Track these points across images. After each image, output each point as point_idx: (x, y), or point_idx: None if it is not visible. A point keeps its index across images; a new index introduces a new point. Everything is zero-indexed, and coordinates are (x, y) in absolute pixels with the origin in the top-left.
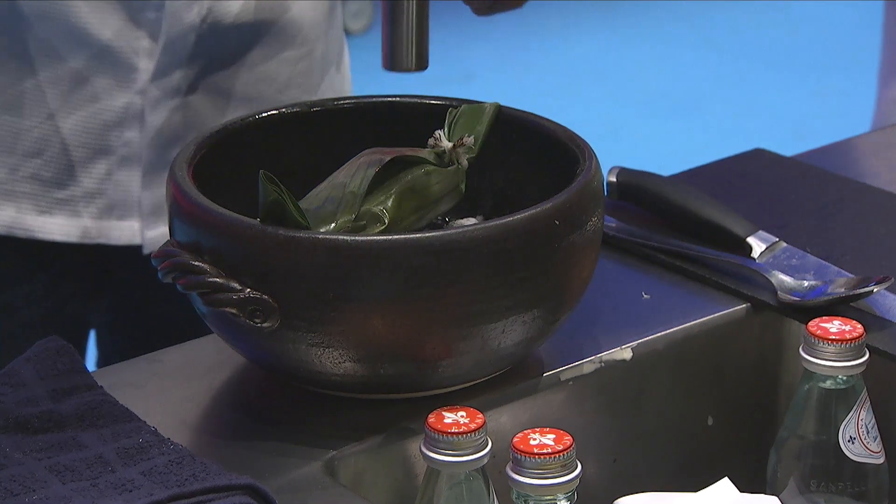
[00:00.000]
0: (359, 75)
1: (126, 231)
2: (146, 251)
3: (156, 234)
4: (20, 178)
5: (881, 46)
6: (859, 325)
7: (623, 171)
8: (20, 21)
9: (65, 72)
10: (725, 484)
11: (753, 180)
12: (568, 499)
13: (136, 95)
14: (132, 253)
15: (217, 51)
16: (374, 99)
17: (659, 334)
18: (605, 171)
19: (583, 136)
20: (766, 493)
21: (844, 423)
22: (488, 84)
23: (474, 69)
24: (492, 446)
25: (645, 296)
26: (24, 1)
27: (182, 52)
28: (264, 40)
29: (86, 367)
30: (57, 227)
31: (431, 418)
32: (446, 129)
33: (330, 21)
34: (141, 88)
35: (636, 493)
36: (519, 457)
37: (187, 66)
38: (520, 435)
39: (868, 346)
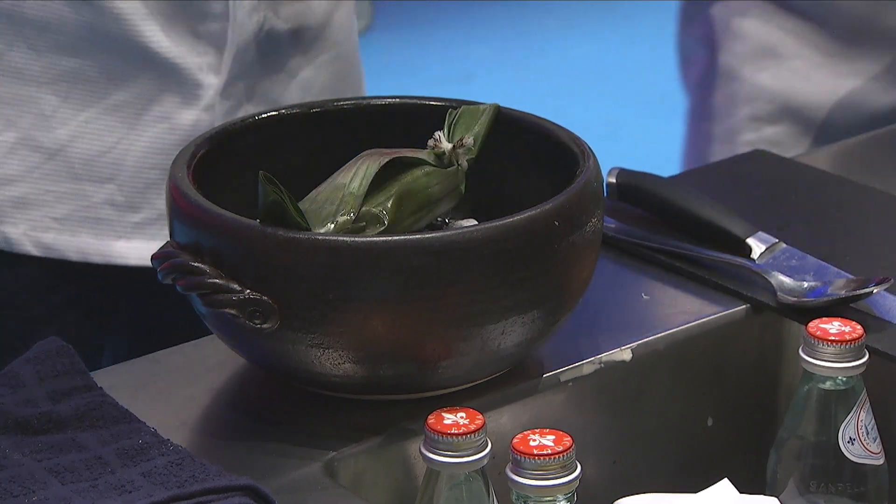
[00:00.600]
0: None
1: None
2: None
3: None
4: (95, 204)
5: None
6: (859, 326)
7: (623, 172)
8: (88, 45)
9: (133, 94)
10: (725, 485)
11: (753, 181)
12: (568, 500)
13: (203, 112)
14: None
15: (270, 59)
16: (373, 100)
17: (659, 335)
18: (604, 172)
19: (582, 137)
20: (765, 494)
21: (844, 423)
22: (488, 84)
23: (474, 69)
24: (491, 447)
25: (644, 296)
26: (89, 21)
27: (246, 62)
28: (304, 45)
29: (85, 368)
30: (134, 251)
31: (431, 419)
32: (446, 130)
33: (352, 21)
34: (208, 104)
35: (636, 493)
36: (519, 458)
37: (247, 78)
38: (519, 436)
39: (868, 348)
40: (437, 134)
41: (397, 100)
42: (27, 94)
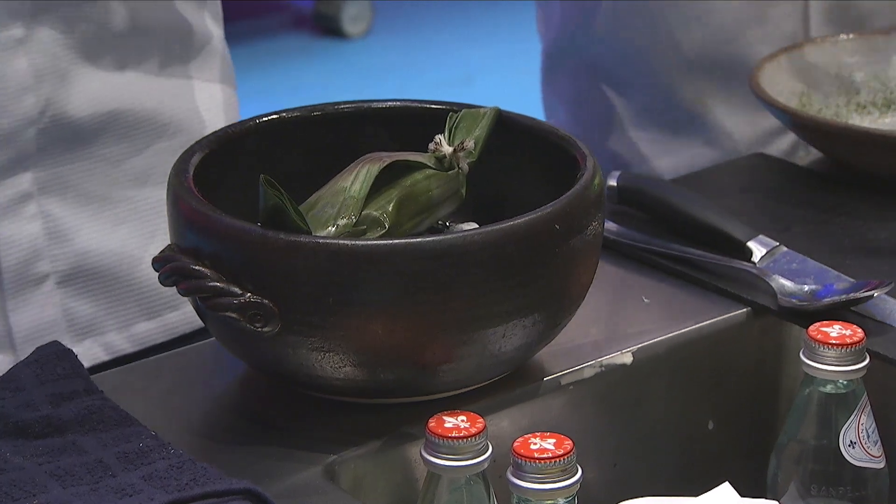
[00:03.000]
0: (358, 79)
1: None
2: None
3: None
4: None
5: None
6: (860, 330)
7: (624, 175)
8: None
9: None
10: (726, 488)
11: (754, 184)
12: (568, 503)
13: None
14: None
15: (66, 146)
16: (374, 103)
17: (659, 339)
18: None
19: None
20: (766, 498)
21: (845, 427)
22: (488, 87)
23: (474, 72)
24: (492, 451)
25: (645, 300)
26: None
27: (23, 149)
28: (123, 132)
29: (86, 372)
30: None
31: (432, 423)
32: (446, 134)
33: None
34: None
35: (637, 497)
36: (519, 461)
37: (35, 168)
38: (520, 439)
39: (868, 351)
40: (438, 137)
41: (398, 103)
42: None
